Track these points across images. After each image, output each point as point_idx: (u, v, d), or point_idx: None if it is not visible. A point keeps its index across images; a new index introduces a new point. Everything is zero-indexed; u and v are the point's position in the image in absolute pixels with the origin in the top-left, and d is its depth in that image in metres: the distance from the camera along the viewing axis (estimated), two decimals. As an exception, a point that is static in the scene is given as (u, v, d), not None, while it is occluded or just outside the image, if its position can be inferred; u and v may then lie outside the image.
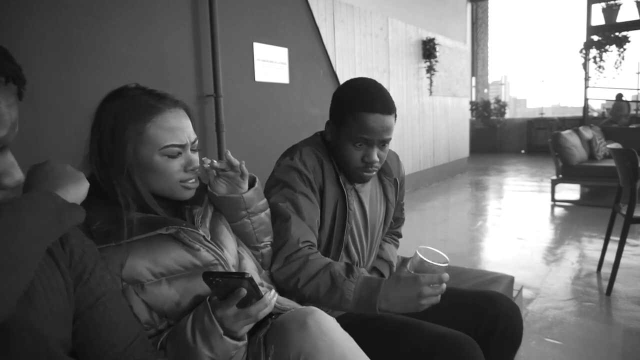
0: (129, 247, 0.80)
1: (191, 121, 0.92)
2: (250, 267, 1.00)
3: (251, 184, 1.03)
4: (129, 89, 0.88)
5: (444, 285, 0.97)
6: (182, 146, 0.87)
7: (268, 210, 1.07)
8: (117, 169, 0.84)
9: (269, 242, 1.07)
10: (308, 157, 1.18)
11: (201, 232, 0.89)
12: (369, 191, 1.30)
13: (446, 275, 0.96)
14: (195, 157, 0.91)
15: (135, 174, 0.84)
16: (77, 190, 0.69)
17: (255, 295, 0.76)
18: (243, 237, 1.03)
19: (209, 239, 0.91)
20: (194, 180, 0.91)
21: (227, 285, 0.74)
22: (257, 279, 0.97)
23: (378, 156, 1.16)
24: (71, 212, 0.64)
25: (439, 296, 0.98)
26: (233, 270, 0.92)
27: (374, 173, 1.20)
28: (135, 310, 0.80)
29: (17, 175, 0.58)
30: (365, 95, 1.15)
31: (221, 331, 0.76)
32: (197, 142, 0.92)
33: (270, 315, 0.90)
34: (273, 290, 0.79)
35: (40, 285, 0.62)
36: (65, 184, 0.68)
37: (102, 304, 0.70)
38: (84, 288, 0.69)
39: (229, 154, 0.97)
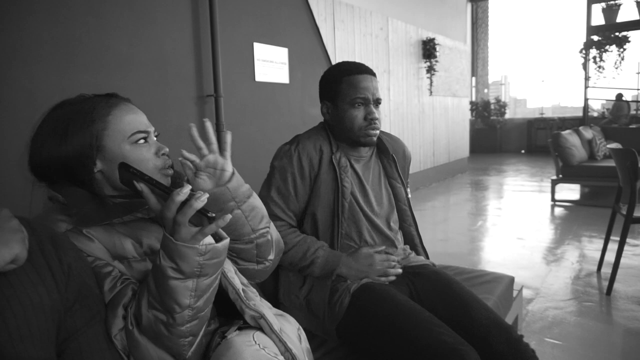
0: (113, 227, 0.82)
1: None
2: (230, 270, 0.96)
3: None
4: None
5: (393, 257, 1.31)
6: (147, 132, 0.88)
7: (254, 194, 0.96)
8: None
9: (265, 230, 0.97)
10: (304, 145, 1.31)
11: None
12: (371, 171, 1.39)
13: (393, 257, 1.31)
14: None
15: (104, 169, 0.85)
16: None
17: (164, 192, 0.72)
18: (238, 231, 0.93)
19: None
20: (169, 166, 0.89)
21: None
22: (238, 284, 0.92)
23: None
24: None
25: (398, 269, 1.30)
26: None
27: (378, 131, 1.33)
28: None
29: None
30: (349, 64, 1.34)
31: (171, 238, 0.70)
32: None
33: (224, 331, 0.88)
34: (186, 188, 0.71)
35: (19, 305, 0.56)
36: None
37: (98, 322, 0.67)
38: (82, 304, 0.65)
39: (194, 129, 0.86)
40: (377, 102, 1.31)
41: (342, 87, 1.30)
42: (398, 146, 1.48)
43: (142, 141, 0.86)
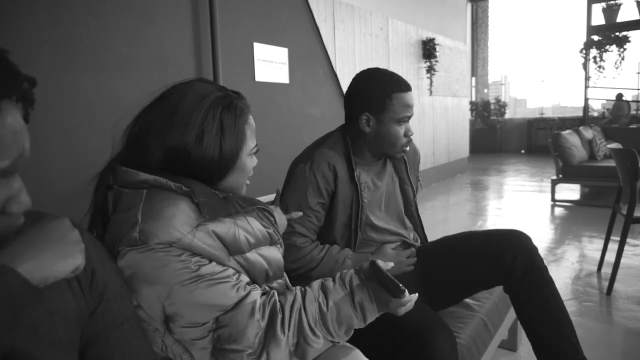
0: (232, 220, 0.83)
1: None
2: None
3: None
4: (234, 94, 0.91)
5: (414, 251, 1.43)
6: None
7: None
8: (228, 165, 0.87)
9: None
10: (319, 165, 1.30)
11: (275, 214, 0.95)
12: (384, 177, 1.44)
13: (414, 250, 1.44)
14: None
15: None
16: (53, 267, 0.54)
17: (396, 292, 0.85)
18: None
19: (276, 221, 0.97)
20: None
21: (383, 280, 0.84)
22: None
23: None
24: (28, 309, 0.50)
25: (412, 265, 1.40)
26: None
27: None
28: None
29: (25, 201, 0.54)
30: (395, 78, 1.30)
31: (376, 313, 0.86)
32: None
33: None
34: (415, 295, 0.86)
35: (48, 312, 0.56)
36: (44, 255, 0.54)
37: (120, 326, 0.66)
38: (104, 307, 0.65)
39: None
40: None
41: (393, 104, 1.28)
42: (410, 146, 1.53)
43: (254, 154, 0.93)
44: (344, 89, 4.23)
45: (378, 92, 1.29)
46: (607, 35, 7.09)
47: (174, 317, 0.75)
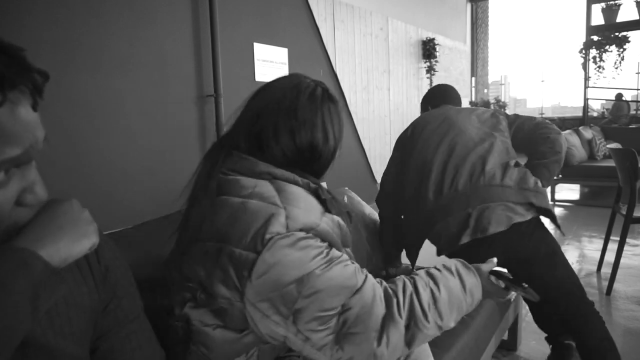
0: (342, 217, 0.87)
1: None
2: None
3: None
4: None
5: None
6: None
7: None
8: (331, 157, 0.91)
9: None
10: None
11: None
12: None
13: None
14: None
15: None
16: (71, 248, 0.54)
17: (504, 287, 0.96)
18: None
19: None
20: None
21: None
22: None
23: None
24: (49, 292, 0.50)
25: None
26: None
27: None
28: None
29: (41, 193, 0.55)
30: None
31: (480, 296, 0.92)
32: None
33: None
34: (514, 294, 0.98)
35: (64, 304, 0.58)
36: (62, 238, 0.54)
37: (131, 323, 0.68)
38: (116, 304, 0.66)
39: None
40: None
41: None
42: None
43: None
44: (344, 89, 4.24)
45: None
46: (607, 35, 7.08)
47: (304, 308, 0.74)
